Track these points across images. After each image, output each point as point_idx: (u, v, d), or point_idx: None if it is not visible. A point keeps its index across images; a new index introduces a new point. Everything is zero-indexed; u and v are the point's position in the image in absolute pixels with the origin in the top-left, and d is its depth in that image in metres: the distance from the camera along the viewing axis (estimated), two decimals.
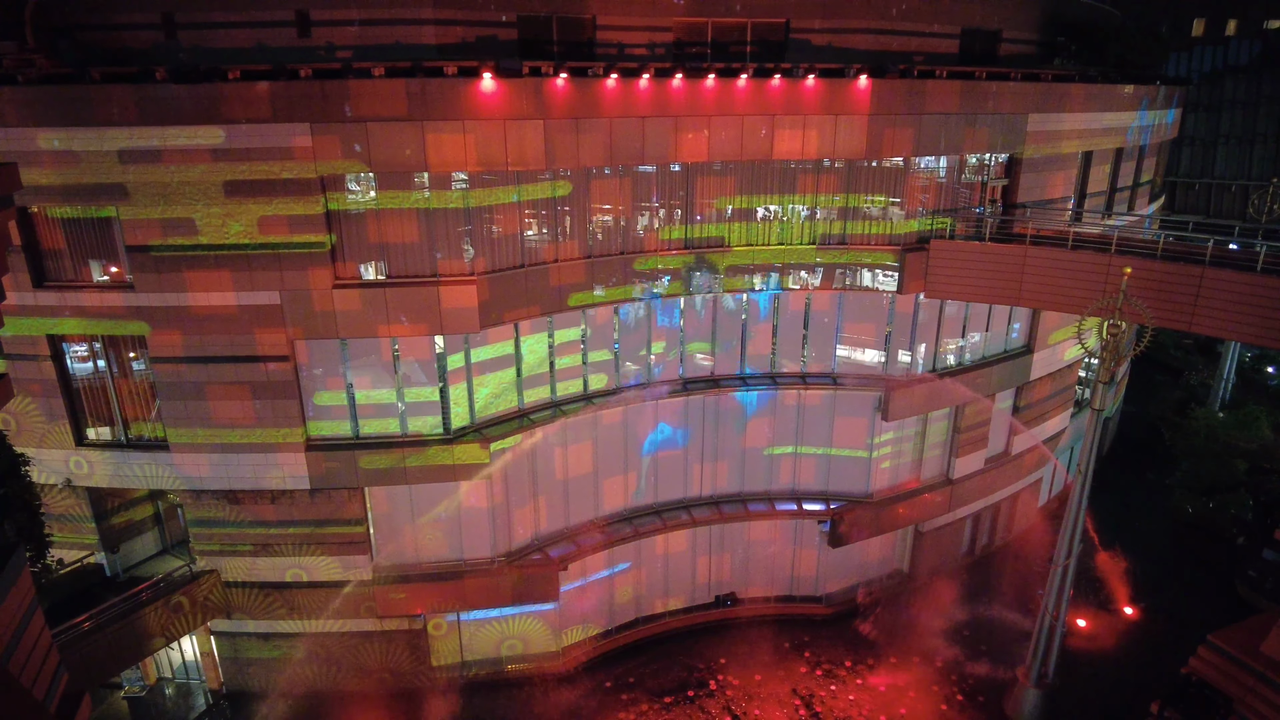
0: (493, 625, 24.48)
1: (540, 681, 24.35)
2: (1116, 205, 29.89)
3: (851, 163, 23.30)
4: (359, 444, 21.29)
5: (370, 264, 20.16)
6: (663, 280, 23.36)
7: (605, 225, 22.47)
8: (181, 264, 19.19)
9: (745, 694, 23.80)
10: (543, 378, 23.28)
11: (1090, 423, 20.42)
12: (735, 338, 25.34)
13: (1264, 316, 19.00)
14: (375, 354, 20.98)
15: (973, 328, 26.69)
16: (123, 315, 19.66)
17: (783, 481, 27.00)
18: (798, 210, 23.89)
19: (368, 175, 19.23)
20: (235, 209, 18.79)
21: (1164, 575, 29.34)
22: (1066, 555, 21.20)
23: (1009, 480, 29.95)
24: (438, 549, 23.10)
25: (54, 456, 21.02)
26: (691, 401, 25.26)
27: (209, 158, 18.28)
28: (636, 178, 22.30)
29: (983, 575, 29.50)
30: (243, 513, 21.54)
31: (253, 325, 19.81)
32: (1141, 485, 35.32)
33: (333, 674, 23.57)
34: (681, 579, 27.21)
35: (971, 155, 24.17)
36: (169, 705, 23.52)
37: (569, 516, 24.84)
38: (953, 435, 27.61)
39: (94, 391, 21.09)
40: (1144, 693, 20.31)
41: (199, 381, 20.23)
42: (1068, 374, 30.51)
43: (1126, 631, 26.46)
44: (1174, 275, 20.18)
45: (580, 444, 24.30)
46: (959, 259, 23.54)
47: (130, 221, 18.83)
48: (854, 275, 24.43)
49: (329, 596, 22.48)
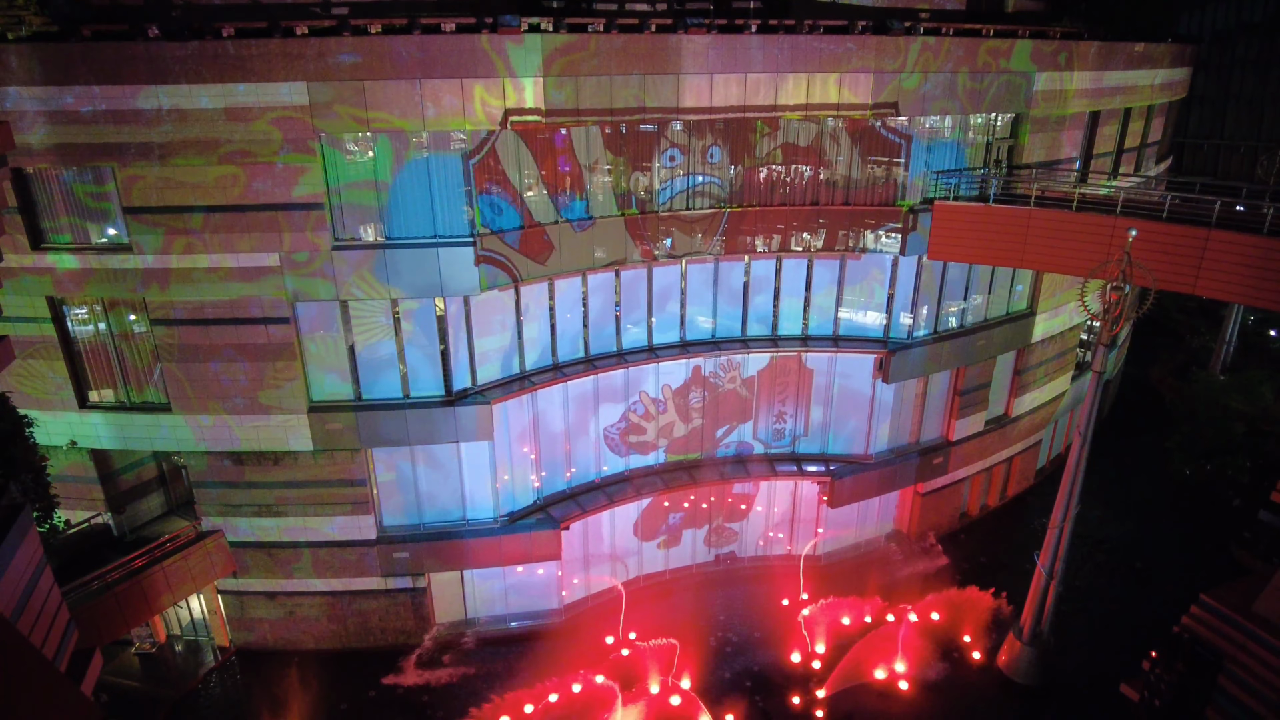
0: (495, 583, 24.81)
1: (543, 637, 24.76)
2: (1124, 166, 29.55)
3: (856, 122, 23.01)
4: (361, 406, 21.37)
5: (370, 225, 20.02)
6: (664, 243, 23.22)
7: (605, 185, 22.26)
8: (179, 225, 19.06)
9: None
10: (543, 340, 23.29)
11: (1091, 386, 20.43)
12: (737, 300, 25.27)
13: (1269, 279, 18.86)
14: (376, 316, 20.95)
15: (975, 290, 26.58)
16: (121, 277, 19.59)
17: (784, 443, 27.17)
18: (801, 170, 23.66)
19: (366, 134, 19.01)
20: (232, 169, 18.60)
21: (1160, 537, 29.63)
22: (1064, 516, 21.38)
23: (1008, 442, 30.11)
24: (440, 509, 23.32)
25: (57, 419, 21.13)
26: (693, 364, 25.30)
27: (204, 117, 18.04)
28: (639, 136, 22.03)
29: (980, 536, 29.79)
30: (246, 474, 21.71)
31: (252, 287, 19.75)
32: (1140, 448, 35.48)
33: (338, 631, 23.96)
34: (681, 538, 27.50)
35: (977, 115, 23.82)
36: (179, 661, 23.97)
37: (571, 477, 25.04)
38: (952, 397, 27.68)
39: (95, 354, 21.12)
40: (1137, 651, 20.63)
41: (200, 344, 20.24)
42: (1069, 336, 30.48)
43: (1121, 591, 26.81)
44: (1179, 237, 20.00)
45: (581, 405, 24.40)
46: (962, 221, 23.33)
47: (126, 182, 18.67)
48: (857, 237, 24.27)
49: (333, 556, 22.76)
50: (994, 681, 23.04)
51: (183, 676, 23.32)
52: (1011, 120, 24.62)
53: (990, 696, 22.59)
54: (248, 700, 22.58)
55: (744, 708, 22.03)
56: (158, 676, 23.35)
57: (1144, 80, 27.60)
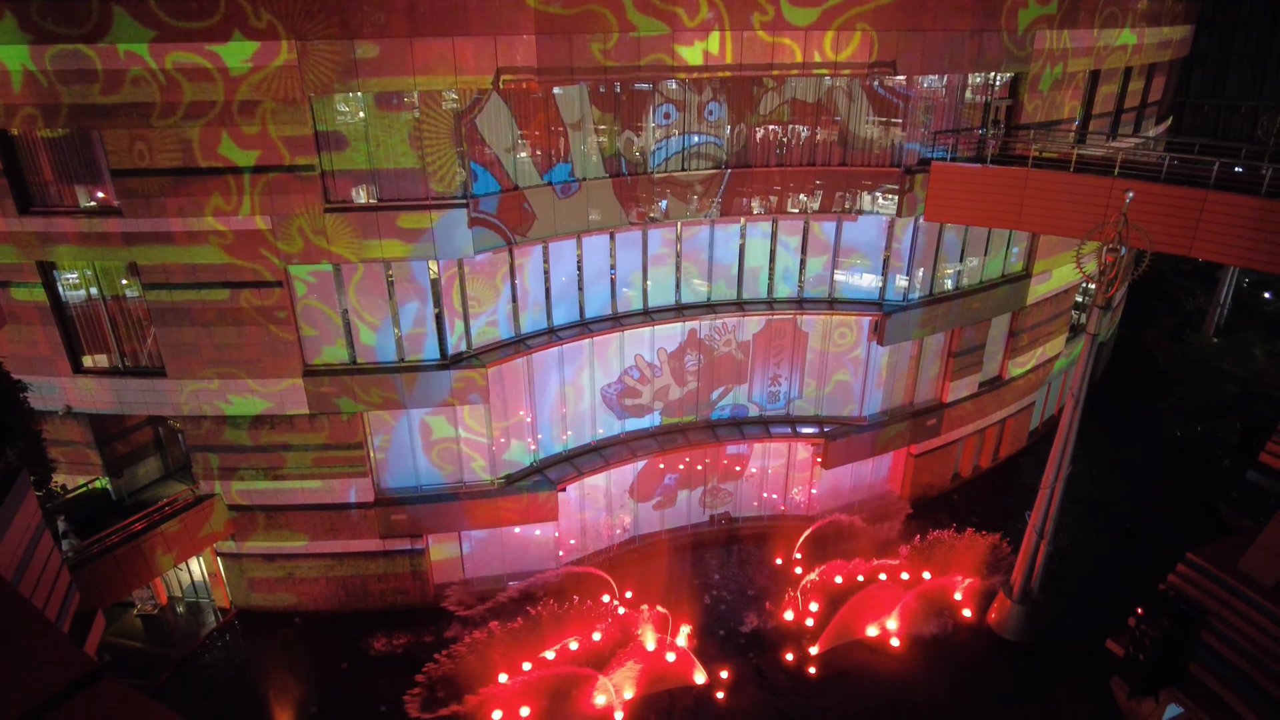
0: (493, 544, 25.08)
1: (541, 597, 25.08)
2: (1123, 127, 29.28)
3: (853, 80, 22.71)
4: (356, 369, 21.37)
5: (362, 187, 19.81)
6: (659, 205, 23.05)
7: (600, 145, 22.02)
8: (168, 188, 18.83)
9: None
10: (537, 303, 23.23)
11: (1085, 348, 20.49)
12: (733, 262, 25.18)
13: (1266, 240, 18.82)
14: (369, 279, 20.84)
15: (971, 252, 26.50)
16: (111, 241, 19.42)
17: (778, 406, 27.30)
18: (798, 130, 23.41)
19: (357, 94, 18.70)
20: (221, 130, 18.32)
21: (1150, 497, 29.99)
22: (1055, 478, 21.60)
23: (1002, 404, 30.28)
24: (437, 471, 23.47)
25: (51, 384, 21.09)
26: (688, 327, 25.29)
27: (192, 76, 17.71)
28: (633, 95, 21.73)
29: (973, 496, 30.12)
30: (242, 438, 21.78)
31: (244, 250, 19.60)
32: (1133, 410, 35.74)
33: (337, 592, 24.26)
34: (677, 499, 27.76)
35: (976, 74, 23.51)
36: (181, 623, 24.29)
37: (567, 439, 25.17)
38: (947, 359, 27.77)
39: (88, 319, 21.01)
40: (1125, 608, 21.00)
41: (193, 308, 20.15)
42: (1064, 299, 30.48)
43: (1110, 550, 27.21)
44: (1176, 198, 19.89)
45: (577, 369, 24.43)
46: (959, 181, 23.18)
47: (114, 144, 18.39)
48: (854, 198, 24.11)
49: (331, 519, 22.95)
50: (984, 639, 23.50)
51: (185, 637, 23.65)
52: (1010, 79, 24.31)
53: (980, 653, 23.05)
54: (250, 660, 22.96)
55: (738, 664, 22.46)
56: (160, 637, 23.68)
57: (1146, 39, 27.20)
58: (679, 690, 21.62)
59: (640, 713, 20.96)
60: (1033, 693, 21.57)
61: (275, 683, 21.88)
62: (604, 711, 20.89)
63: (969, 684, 21.94)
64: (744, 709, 21.14)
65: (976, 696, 21.48)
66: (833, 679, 22.07)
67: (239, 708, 21.33)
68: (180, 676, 22.35)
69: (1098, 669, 20.95)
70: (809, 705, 21.26)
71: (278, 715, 20.85)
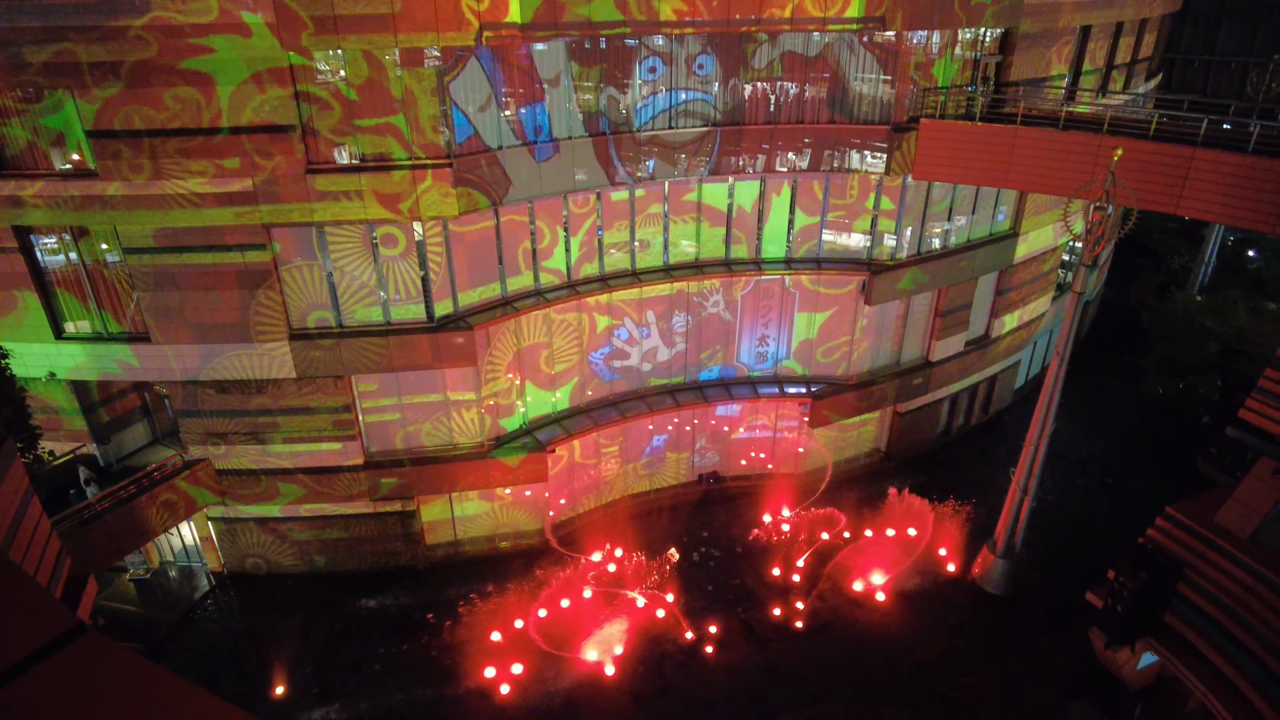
0: (484, 505, 25.26)
1: (532, 556, 25.40)
2: (1113, 84, 29.07)
3: (841, 35, 22.39)
4: (342, 333, 21.24)
5: (344, 147, 19.48)
6: (647, 164, 22.81)
7: (586, 102, 21.69)
8: (145, 149, 18.44)
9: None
10: (524, 264, 23.06)
11: (1071, 306, 20.60)
12: (720, 223, 25.04)
13: (1250, 198, 18.84)
14: (353, 240, 20.61)
15: (959, 211, 26.44)
16: (88, 205, 19.05)
17: (766, 366, 27.41)
18: (786, 88, 23.13)
19: (336, 52, 18.28)
20: (197, 91, 17.90)
21: (1132, 453, 30.47)
22: (1039, 435, 21.87)
23: (988, 363, 30.51)
24: (427, 433, 23.51)
25: (33, 350, 20.87)
26: (676, 288, 25.22)
27: (164, 34, 17.23)
28: (619, 49, 21.36)
29: (958, 454, 30.51)
30: (230, 402, 21.69)
31: (226, 213, 19.29)
32: (1118, 367, 36.12)
33: (329, 554, 24.45)
34: (666, 460, 27.98)
35: (965, 30, 23.20)
36: (173, 586, 24.45)
37: (556, 401, 25.23)
38: (933, 318, 27.88)
39: (69, 284, 20.72)
40: (1106, 562, 21.43)
41: (175, 272, 19.89)
42: (1051, 257, 30.55)
43: (1092, 506, 27.71)
44: (1164, 156, 19.84)
45: (565, 331, 24.37)
46: (948, 139, 23.01)
47: (86, 105, 17.94)
48: (842, 157, 23.93)
49: (321, 482, 23.01)
50: (967, 592, 23.99)
51: (178, 601, 23.83)
52: (1001, 35, 24.02)
53: (963, 606, 23.56)
54: (243, 621, 23.19)
55: (726, 619, 22.88)
56: (153, 601, 23.86)
57: None
58: (669, 644, 22.03)
59: (631, 666, 21.37)
60: (1014, 643, 22.12)
61: (269, 644, 22.13)
62: (595, 666, 21.28)
63: (952, 636, 22.46)
64: (732, 662, 21.60)
65: (959, 647, 22.00)
66: (819, 632, 22.53)
67: (234, 668, 21.59)
68: (174, 639, 22.57)
69: (1078, 620, 21.47)
70: (794, 657, 21.73)
71: (272, 675, 21.13)
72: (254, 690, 20.60)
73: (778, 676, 21.20)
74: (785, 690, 20.75)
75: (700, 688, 20.88)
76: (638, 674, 21.21)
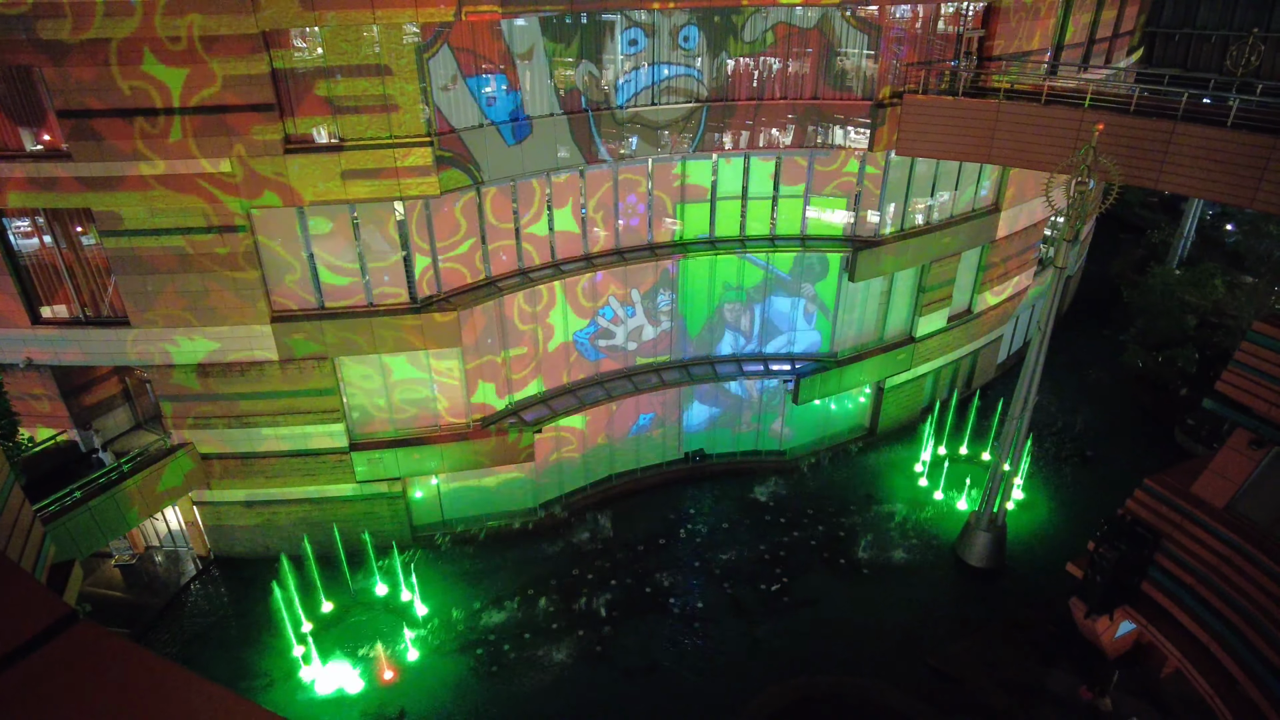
0: (471, 486, 25.30)
1: (520, 536, 25.51)
2: (1095, 58, 29.11)
3: (825, 9, 22.25)
4: (325, 314, 21.07)
5: (322, 126, 19.20)
6: (630, 141, 22.66)
7: (567, 79, 21.48)
8: (118, 129, 18.08)
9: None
10: (508, 243, 22.93)
11: (1053, 281, 20.76)
12: (704, 200, 24.97)
13: (1229, 172, 19.03)
14: (334, 221, 20.39)
15: (941, 186, 26.49)
16: (62, 187, 18.70)
17: (748, 345, 27.49)
18: (769, 63, 22.99)
19: (314, 30, 17.95)
20: (171, 68, 17.54)
21: (1112, 426, 30.92)
22: (1021, 410, 22.12)
23: (971, 338, 30.75)
24: (413, 414, 23.46)
25: (8, 336, 20.57)
26: (660, 266, 25.19)
27: (135, 9, 16.84)
28: (599, 25, 21.13)
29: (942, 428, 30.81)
30: (213, 386, 21.51)
31: (204, 194, 19.01)
32: (1098, 341, 36.54)
33: (316, 537, 24.40)
34: (651, 439, 28.08)
35: (948, 3, 23.12)
36: (160, 571, 24.37)
37: (542, 380, 25.21)
38: (917, 294, 28.03)
39: (44, 268, 20.39)
40: (1085, 533, 21.83)
41: (154, 255, 19.61)
42: (1033, 232, 30.72)
43: (1073, 478, 28.13)
44: (1145, 131, 19.97)
45: (551, 311, 24.30)
46: (931, 115, 23.02)
47: (56, 83, 17.55)
48: (826, 133, 23.88)
49: (307, 464, 22.93)
50: (951, 565, 24.36)
51: (164, 586, 23.77)
52: (983, 9, 23.96)
53: (946, 579, 23.93)
54: (231, 605, 23.18)
55: (714, 594, 23.12)
56: (140, 586, 23.78)
57: None
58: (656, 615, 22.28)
59: (620, 637, 21.59)
60: (995, 614, 22.52)
61: (258, 627, 22.15)
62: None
63: (934, 608, 22.83)
64: (720, 635, 21.86)
65: (941, 619, 22.38)
66: (804, 605, 22.83)
67: (223, 652, 21.61)
68: (162, 624, 22.54)
69: (1058, 590, 21.87)
70: (779, 631, 22.02)
71: (262, 658, 21.18)
72: (242, 673, 20.65)
73: (763, 650, 21.49)
74: (771, 663, 21.05)
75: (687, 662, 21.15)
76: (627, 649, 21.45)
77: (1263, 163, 18.42)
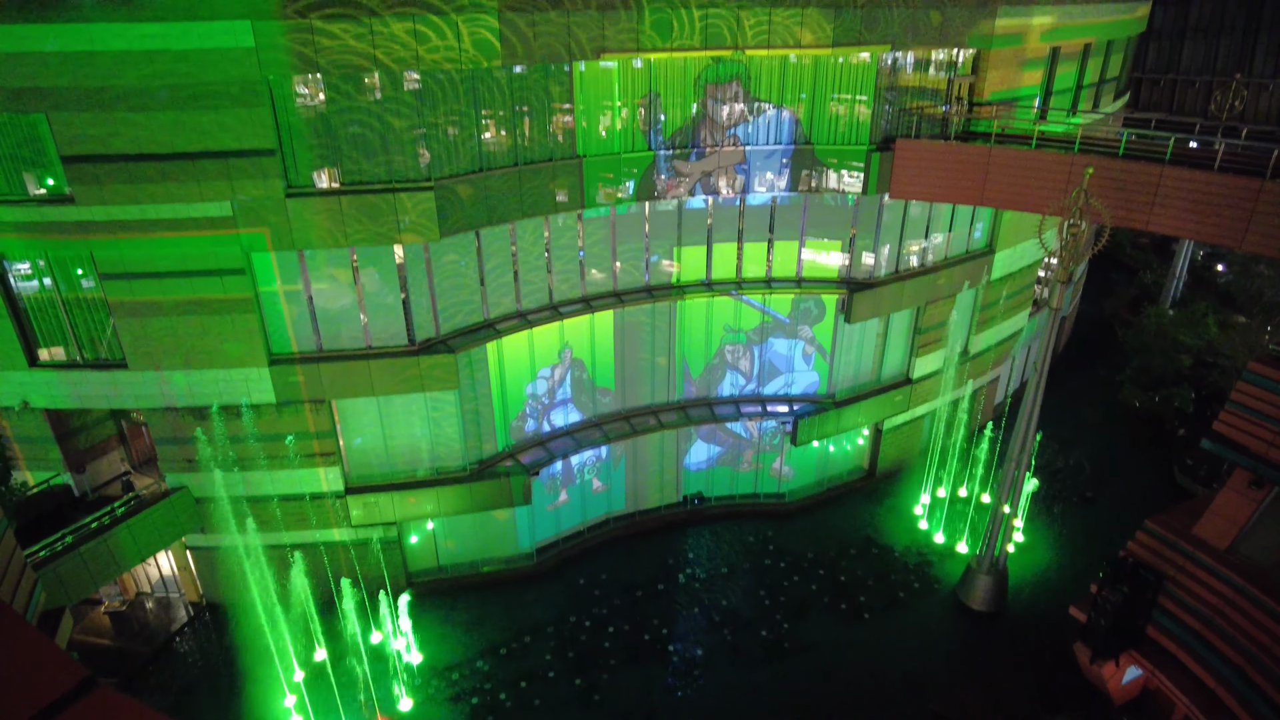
0: (467, 530, 25.03)
1: (515, 581, 25.16)
2: (1083, 103, 29.67)
3: (818, 58, 22.73)
4: (323, 357, 21.06)
5: (324, 170, 19.42)
6: (628, 185, 22.94)
7: (565, 126, 21.82)
8: (123, 174, 18.27)
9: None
10: (506, 287, 23.02)
11: (1049, 322, 20.88)
12: (701, 242, 25.18)
13: (1218, 214, 19.29)
14: (334, 265, 20.49)
15: (935, 228, 26.78)
16: (65, 231, 18.82)
17: (746, 385, 27.49)
18: (763, 109, 23.41)
19: (316, 76, 18.28)
20: (177, 115, 17.79)
21: (1110, 466, 30.81)
22: (1020, 450, 22.07)
23: (968, 379, 30.74)
24: (409, 457, 23.30)
25: (6, 379, 20.49)
26: (658, 308, 25.29)
27: (142, 59, 17.15)
28: (599, 74, 21.53)
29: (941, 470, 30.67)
30: (209, 429, 21.39)
31: (205, 238, 19.12)
32: (1094, 380, 36.59)
33: (311, 582, 24.00)
34: (649, 482, 27.89)
35: (939, 51, 23.64)
36: (150, 618, 23.95)
37: (540, 423, 25.12)
38: (913, 335, 28.13)
39: (43, 311, 20.40)
40: (1087, 575, 21.67)
41: (154, 298, 19.65)
42: (1028, 273, 30.97)
43: (1074, 519, 27.92)
44: (1134, 174, 20.29)
45: (549, 352, 24.33)
46: (924, 159, 23.38)
47: (63, 130, 17.77)
48: (820, 176, 24.21)
49: (303, 508, 22.71)
50: (952, 608, 24.04)
51: (154, 633, 23.33)
52: (973, 56, 24.50)
53: (948, 623, 23.59)
54: (222, 653, 22.73)
55: (714, 641, 22.76)
56: (129, 633, 23.34)
57: (1104, 15, 27.56)
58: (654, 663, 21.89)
59: (618, 684, 21.18)
60: (999, 659, 22.17)
61: (249, 675, 21.69)
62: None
63: (936, 652, 22.48)
64: (720, 682, 21.45)
65: (944, 663, 22.02)
66: (804, 651, 22.46)
67: (214, 700, 21.15)
68: (152, 672, 22.07)
69: (1062, 634, 21.57)
70: (779, 677, 21.62)
71: (254, 709, 20.70)
72: None
73: (763, 697, 21.08)
74: (772, 711, 20.62)
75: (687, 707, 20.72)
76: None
77: (1250, 204, 18.69)
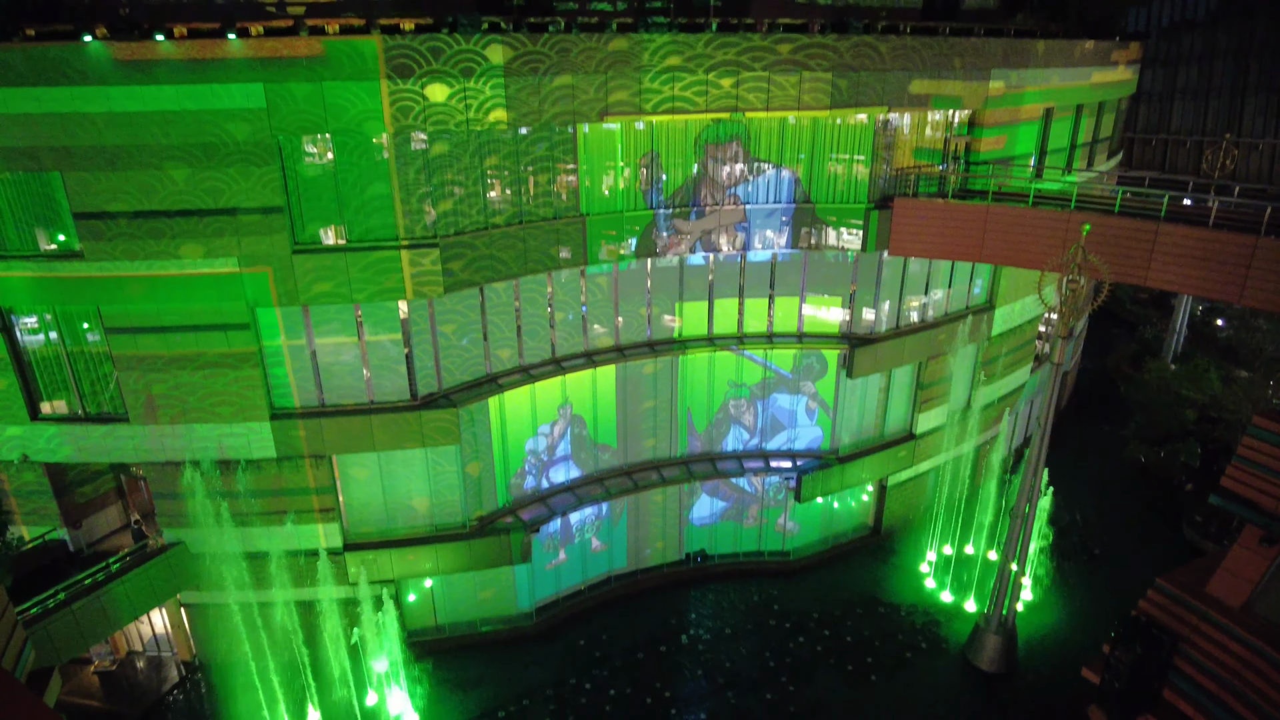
0: (466, 588, 24.61)
1: (514, 641, 24.64)
2: (1077, 162, 30.23)
3: (816, 119, 23.24)
4: (324, 412, 21.04)
5: (330, 228, 19.71)
6: (630, 242, 23.22)
7: (569, 185, 22.20)
8: (132, 230, 18.56)
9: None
10: (509, 340, 23.12)
11: (1051, 377, 20.89)
12: (702, 297, 25.36)
13: (1215, 270, 19.48)
14: (338, 320, 20.63)
15: (935, 284, 26.99)
16: (73, 285, 19.02)
17: (749, 440, 27.36)
18: (763, 168, 23.85)
19: (324, 136, 18.70)
20: (187, 173, 18.17)
21: (1118, 522, 30.41)
22: (1026, 508, 21.83)
23: (971, 434, 30.61)
24: (409, 514, 23.07)
25: (6, 431, 20.47)
26: (660, 364, 25.34)
27: (155, 120, 17.59)
28: (602, 136, 22.00)
29: (946, 528, 30.29)
30: (208, 483, 21.23)
31: (211, 293, 19.32)
32: (1097, 436, 36.38)
33: (307, 642, 23.53)
34: (651, 539, 27.53)
35: (935, 112, 24.20)
36: (140, 678, 23.40)
37: (541, 479, 24.94)
38: (915, 390, 28.10)
39: (47, 364, 20.49)
40: (1098, 634, 21.17)
41: (158, 352, 19.75)
42: (1028, 329, 31.10)
43: (1083, 577, 27.45)
44: (1130, 231, 20.55)
45: (551, 407, 24.29)
46: (922, 217, 23.71)
47: (76, 187, 18.13)
48: (820, 234, 24.52)
49: (301, 564, 22.39)
50: (961, 669, 23.47)
51: (144, 693, 22.77)
52: (969, 117, 25.04)
53: (957, 686, 23.00)
54: (213, 716, 22.12)
55: (718, 704, 22.16)
56: (118, 694, 22.78)
57: (1095, 77, 28.28)
58: None
59: None
60: None
61: None
62: None
63: (945, 714, 21.85)
64: None
65: None
66: (810, 713, 21.83)
67: None
68: None
69: (1075, 697, 20.99)
70: None
71: None
72: None
73: None
74: None
75: None
76: None
77: (1247, 260, 18.88)
